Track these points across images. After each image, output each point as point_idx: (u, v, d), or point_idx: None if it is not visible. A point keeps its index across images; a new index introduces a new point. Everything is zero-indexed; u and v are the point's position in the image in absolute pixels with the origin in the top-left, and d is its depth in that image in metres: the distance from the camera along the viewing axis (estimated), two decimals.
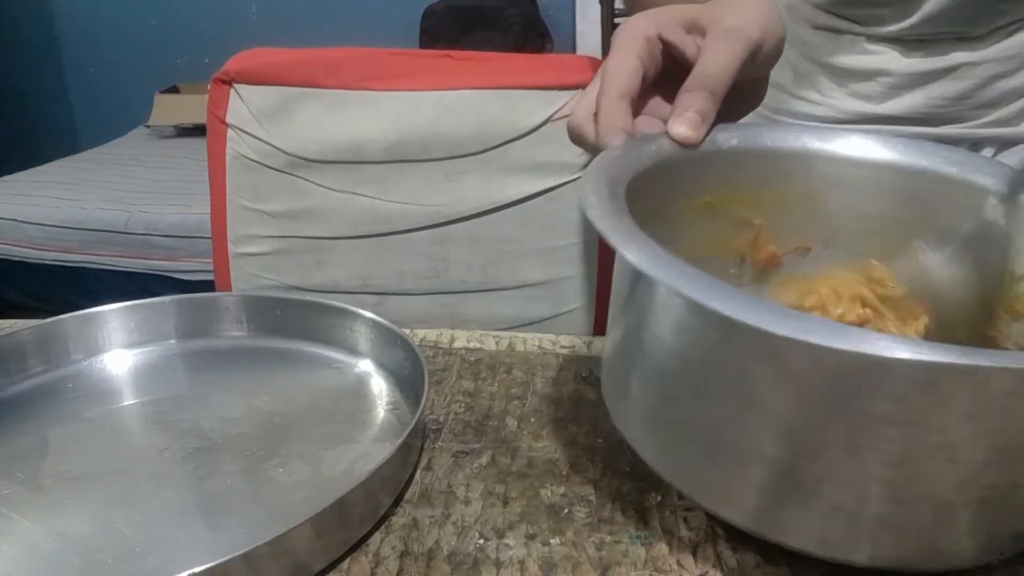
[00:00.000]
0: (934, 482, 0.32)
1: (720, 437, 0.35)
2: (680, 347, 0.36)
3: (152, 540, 0.39)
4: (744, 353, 0.33)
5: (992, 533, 0.34)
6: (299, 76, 0.88)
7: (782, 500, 0.34)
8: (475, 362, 0.56)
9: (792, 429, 0.33)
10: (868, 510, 0.33)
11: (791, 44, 0.74)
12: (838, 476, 0.32)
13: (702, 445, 0.36)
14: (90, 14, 3.09)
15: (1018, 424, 0.31)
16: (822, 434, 0.32)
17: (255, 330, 0.59)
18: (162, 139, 2.80)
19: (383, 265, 0.90)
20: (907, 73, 0.66)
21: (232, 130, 0.89)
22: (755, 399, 0.33)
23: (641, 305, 0.38)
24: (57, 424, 0.49)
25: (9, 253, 2.06)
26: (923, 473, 0.32)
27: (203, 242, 1.89)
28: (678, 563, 0.37)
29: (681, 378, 0.36)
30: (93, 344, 0.56)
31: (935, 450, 0.31)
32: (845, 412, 0.31)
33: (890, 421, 0.31)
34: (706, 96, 0.42)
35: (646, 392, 0.38)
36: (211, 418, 0.49)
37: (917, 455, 0.31)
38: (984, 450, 0.31)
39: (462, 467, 0.44)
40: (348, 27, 2.83)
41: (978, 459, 0.31)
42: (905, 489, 0.32)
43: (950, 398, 0.30)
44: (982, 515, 0.33)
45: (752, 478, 0.34)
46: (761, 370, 0.32)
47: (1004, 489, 0.32)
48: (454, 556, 0.37)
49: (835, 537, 0.34)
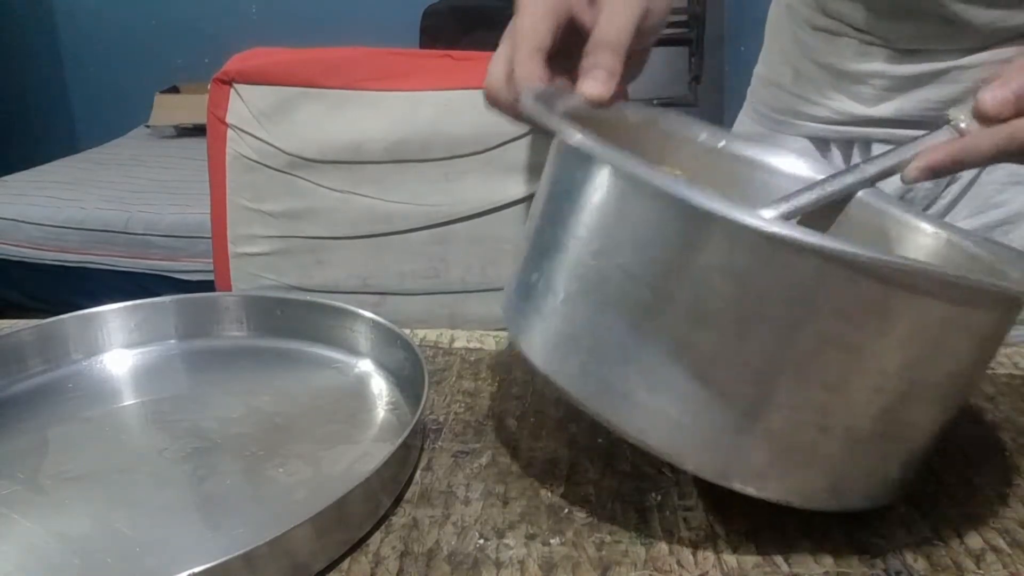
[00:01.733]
0: (859, 410, 0.33)
1: (650, 349, 0.33)
2: (620, 234, 0.34)
3: (152, 540, 0.39)
4: (692, 238, 0.32)
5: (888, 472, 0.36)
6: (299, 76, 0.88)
7: (709, 426, 0.34)
8: (475, 362, 0.56)
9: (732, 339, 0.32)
10: (793, 436, 0.33)
11: (792, 44, 0.74)
12: (770, 397, 0.33)
13: (629, 360, 0.34)
14: (90, 14, 3.09)
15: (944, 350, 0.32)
16: (765, 347, 0.32)
17: (255, 330, 0.59)
18: (162, 139, 2.80)
19: (383, 265, 0.90)
20: (899, 76, 0.66)
21: (232, 130, 0.89)
22: (695, 302, 0.32)
23: (572, 188, 0.36)
24: (57, 424, 0.49)
25: (9, 253, 2.05)
26: (853, 400, 0.33)
27: (203, 242, 1.89)
28: (678, 563, 0.37)
29: (613, 277, 0.34)
30: (93, 344, 0.56)
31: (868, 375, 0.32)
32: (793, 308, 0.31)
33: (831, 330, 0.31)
34: (610, 53, 0.44)
35: (564, 298, 0.36)
36: (211, 418, 0.49)
37: (851, 379, 0.32)
38: (907, 381, 0.33)
39: (462, 467, 0.44)
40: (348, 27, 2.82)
41: (900, 389, 0.33)
42: (833, 417, 0.33)
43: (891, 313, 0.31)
44: (888, 451, 0.35)
45: (682, 400, 0.33)
46: (704, 263, 0.32)
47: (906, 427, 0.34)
48: (454, 556, 0.37)
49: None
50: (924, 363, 0.33)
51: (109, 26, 3.09)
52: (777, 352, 0.32)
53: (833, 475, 0.35)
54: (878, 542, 0.38)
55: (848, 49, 0.69)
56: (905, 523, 0.39)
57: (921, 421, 0.35)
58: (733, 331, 0.32)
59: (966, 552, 0.37)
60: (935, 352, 0.33)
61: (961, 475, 0.43)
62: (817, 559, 0.37)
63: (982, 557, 0.37)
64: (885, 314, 0.31)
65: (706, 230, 0.31)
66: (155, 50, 3.07)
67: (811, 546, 0.37)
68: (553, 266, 0.37)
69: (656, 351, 0.33)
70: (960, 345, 0.34)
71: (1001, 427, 0.48)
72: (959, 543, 0.38)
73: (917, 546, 0.38)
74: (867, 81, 0.68)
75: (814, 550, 0.37)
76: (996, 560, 0.37)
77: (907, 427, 0.35)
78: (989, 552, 0.37)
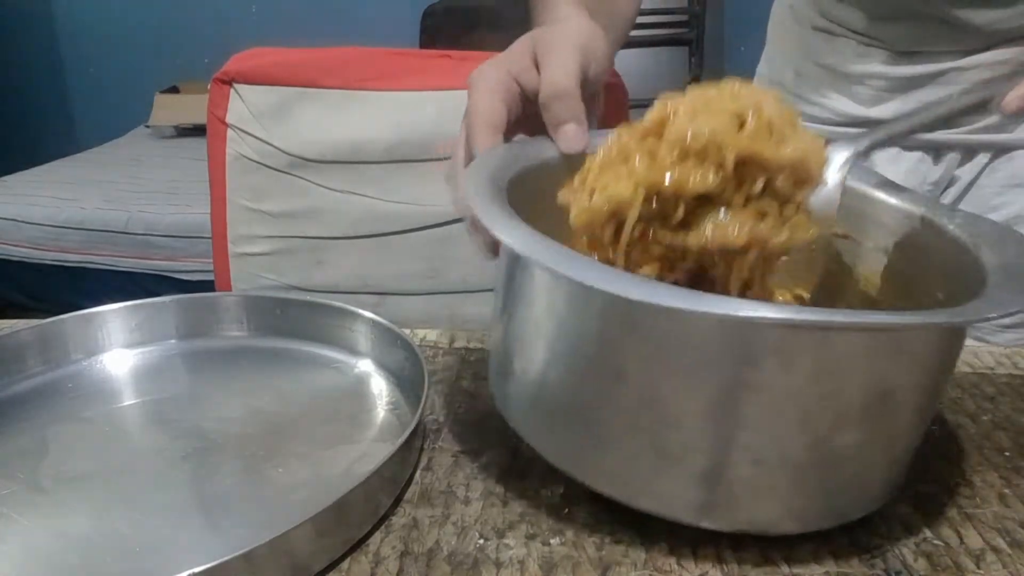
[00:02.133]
0: (787, 443, 0.34)
1: (593, 411, 0.37)
2: (550, 324, 0.38)
3: (152, 540, 0.39)
4: (604, 321, 0.35)
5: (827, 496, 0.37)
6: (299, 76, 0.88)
7: (650, 468, 0.36)
8: (475, 362, 0.56)
9: (654, 395, 0.35)
10: (729, 473, 0.35)
11: (794, 44, 0.74)
12: (699, 441, 0.35)
13: (578, 421, 0.37)
14: (90, 14, 3.09)
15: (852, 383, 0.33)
16: (682, 398, 0.34)
17: (255, 330, 0.59)
18: (162, 139, 2.80)
19: (383, 265, 0.90)
20: (897, 77, 0.66)
21: (232, 130, 0.89)
22: (618, 368, 0.35)
23: (516, 286, 0.40)
24: (57, 424, 0.49)
25: (9, 253, 2.05)
26: (777, 435, 0.34)
27: (203, 242, 1.89)
28: (678, 563, 0.37)
29: (554, 353, 0.38)
30: (93, 344, 0.56)
31: (785, 413, 0.33)
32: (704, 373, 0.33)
33: (746, 383, 0.33)
34: (566, 101, 0.44)
35: (525, 374, 0.40)
36: (211, 418, 0.49)
37: (770, 417, 0.33)
38: (831, 411, 0.34)
39: (462, 467, 0.44)
40: (348, 27, 2.83)
41: (826, 421, 0.34)
42: (762, 451, 0.34)
43: (795, 357, 0.32)
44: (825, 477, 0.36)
45: (625, 449, 0.36)
46: (620, 336, 0.34)
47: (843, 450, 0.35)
48: (454, 556, 0.37)
49: (697, 502, 0.36)
50: (846, 392, 0.33)
51: (109, 26, 3.08)
52: (692, 402, 0.34)
53: (785, 503, 0.36)
54: (878, 542, 0.38)
55: (847, 50, 0.69)
56: (905, 523, 0.39)
57: (868, 441, 0.35)
58: (648, 390, 0.35)
59: (966, 552, 0.37)
60: (857, 380, 0.33)
61: (961, 475, 0.43)
62: (817, 559, 0.37)
63: (982, 557, 0.37)
64: (786, 355, 0.32)
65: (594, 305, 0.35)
66: (155, 50, 3.07)
67: (811, 546, 0.37)
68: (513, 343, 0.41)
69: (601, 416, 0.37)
70: (887, 368, 0.34)
71: (1001, 427, 0.48)
72: (959, 543, 0.38)
73: (917, 546, 0.38)
74: (865, 82, 0.68)
75: (814, 550, 0.37)
76: (996, 560, 0.37)
77: (851, 449, 0.35)
78: (989, 552, 0.37)
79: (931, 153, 0.69)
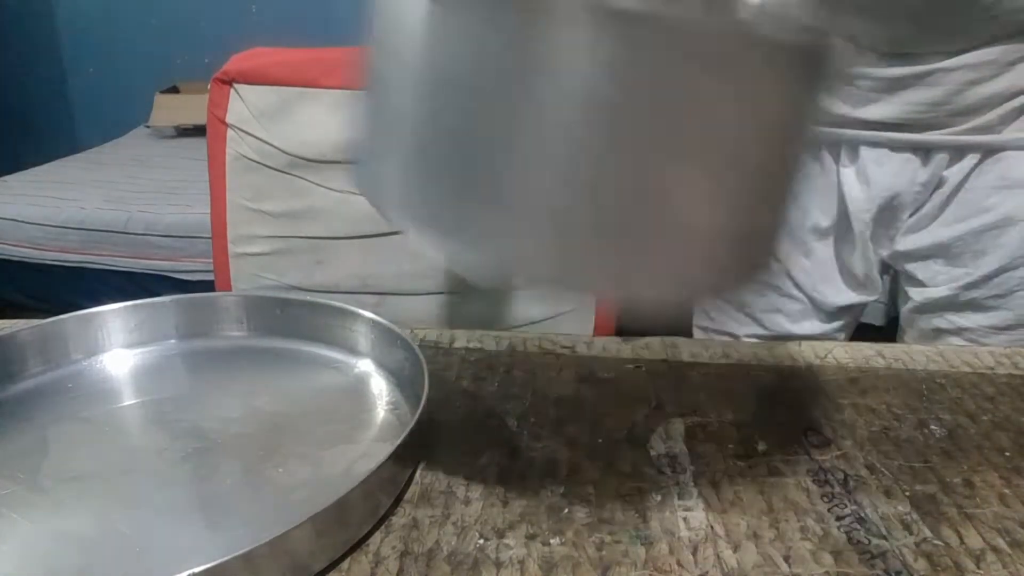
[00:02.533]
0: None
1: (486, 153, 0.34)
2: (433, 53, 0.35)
3: (152, 540, 0.39)
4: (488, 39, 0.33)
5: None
6: (299, 76, 0.88)
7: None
8: (475, 362, 0.56)
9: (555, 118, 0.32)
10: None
11: None
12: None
13: (467, 168, 0.35)
14: (90, 14, 3.08)
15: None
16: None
17: (255, 330, 0.59)
18: (162, 139, 2.79)
19: (383, 265, 0.90)
20: (883, 78, 0.67)
21: (232, 130, 0.89)
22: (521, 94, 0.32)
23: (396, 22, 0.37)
24: (57, 424, 0.49)
25: (9, 253, 2.05)
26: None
27: (203, 242, 1.89)
28: (678, 563, 0.37)
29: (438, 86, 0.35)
30: (93, 344, 0.56)
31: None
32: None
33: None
34: None
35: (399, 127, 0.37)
36: (211, 418, 0.49)
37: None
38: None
39: (462, 467, 0.44)
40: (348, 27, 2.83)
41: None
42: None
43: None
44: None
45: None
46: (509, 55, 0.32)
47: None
48: (454, 556, 0.37)
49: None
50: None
51: (109, 26, 3.08)
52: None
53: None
54: (878, 542, 0.38)
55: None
56: (905, 523, 0.39)
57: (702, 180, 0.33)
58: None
59: (966, 552, 0.37)
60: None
61: (961, 475, 0.43)
62: (817, 559, 0.37)
63: (982, 557, 0.37)
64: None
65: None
66: (155, 50, 3.07)
67: (811, 546, 0.37)
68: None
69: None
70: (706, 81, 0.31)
71: (1001, 427, 0.48)
72: (959, 543, 0.38)
73: (917, 546, 0.38)
74: (852, 82, 0.68)
75: (814, 550, 0.37)
76: (996, 560, 0.37)
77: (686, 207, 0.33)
78: (989, 552, 0.37)
79: (920, 154, 0.69)
